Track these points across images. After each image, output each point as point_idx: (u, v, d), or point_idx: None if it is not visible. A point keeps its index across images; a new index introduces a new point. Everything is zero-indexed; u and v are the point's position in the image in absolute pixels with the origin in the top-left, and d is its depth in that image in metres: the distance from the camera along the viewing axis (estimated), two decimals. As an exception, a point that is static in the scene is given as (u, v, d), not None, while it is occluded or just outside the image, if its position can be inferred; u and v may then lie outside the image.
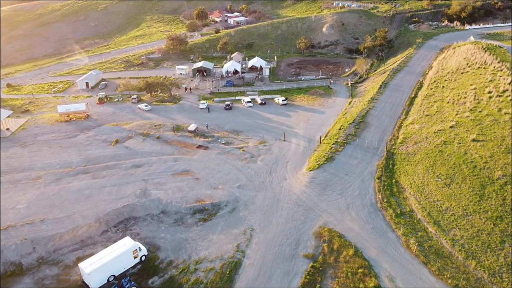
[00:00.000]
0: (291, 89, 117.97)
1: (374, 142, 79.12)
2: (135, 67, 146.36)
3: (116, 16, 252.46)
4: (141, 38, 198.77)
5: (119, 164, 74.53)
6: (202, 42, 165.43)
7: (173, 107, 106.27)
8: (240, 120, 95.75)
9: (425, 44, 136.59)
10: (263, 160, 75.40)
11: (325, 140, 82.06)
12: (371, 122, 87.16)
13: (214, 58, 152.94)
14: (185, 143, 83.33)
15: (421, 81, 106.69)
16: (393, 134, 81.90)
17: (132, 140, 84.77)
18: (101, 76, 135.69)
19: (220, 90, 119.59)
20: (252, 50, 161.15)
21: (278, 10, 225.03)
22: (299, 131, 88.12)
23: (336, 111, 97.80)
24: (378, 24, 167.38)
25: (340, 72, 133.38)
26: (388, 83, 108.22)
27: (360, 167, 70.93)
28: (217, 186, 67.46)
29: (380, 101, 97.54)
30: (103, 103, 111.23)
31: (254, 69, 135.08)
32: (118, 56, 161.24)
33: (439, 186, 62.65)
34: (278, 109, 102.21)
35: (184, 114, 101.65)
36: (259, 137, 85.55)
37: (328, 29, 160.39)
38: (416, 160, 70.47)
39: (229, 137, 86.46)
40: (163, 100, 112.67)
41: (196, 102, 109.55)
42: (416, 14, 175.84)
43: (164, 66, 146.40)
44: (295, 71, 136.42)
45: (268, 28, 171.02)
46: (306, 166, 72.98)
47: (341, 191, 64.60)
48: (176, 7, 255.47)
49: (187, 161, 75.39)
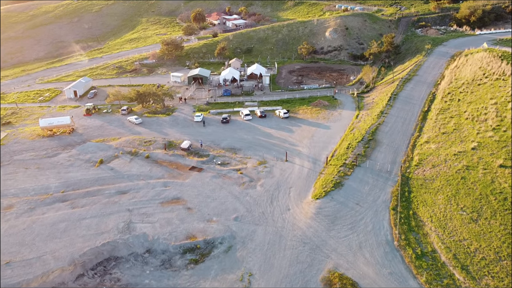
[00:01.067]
0: (293, 99, 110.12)
1: (387, 164, 71.34)
2: (127, 74, 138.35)
3: (110, 18, 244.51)
4: (135, 42, 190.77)
5: (102, 190, 66.60)
6: (198, 47, 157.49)
7: (165, 120, 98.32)
8: (238, 136, 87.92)
9: (435, 51, 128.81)
10: (263, 185, 67.55)
11: (332, 161, 74.23)
12: (382, 140, 79.37)
13: (211, 64, 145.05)
14: (177, 164, 75.41)
15: (433, 92, 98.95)
16: (406, 154, 74.13)
17: (119, 160, 76.82)
18: (90, 84, 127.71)
19: (217, 100, 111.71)
20: (251, 56, 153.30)
21: (278, 13, 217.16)
22: (302, 149, 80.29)
23: (342, 126, 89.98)
24: (384, 29, 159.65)
25: (345, 80, 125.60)
26: (397, 94, 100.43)
27: (373, 195, 63.15)
28: (211, 218, 59.59)
29: (390, 115, 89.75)
30: (90, 114, 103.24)
31: (253, 76, 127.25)
32: (111, 62, 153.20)
33: (464, 221, 54.88)
34: (280, 123, 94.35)
35: (177, 128, 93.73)
36: (258, 157, 77.74)
37: (331, 34, 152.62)
38: (435, 187, 62.68)
39: (225, 156, 78.62)
40: (155, 111, 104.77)
41: (191, 114, 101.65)
42: (423, 17, 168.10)
43: (158, 73, 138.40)
44: (297, 79, 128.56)
45: (268, 32, 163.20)
46: (312, 193, 65.18)
47: (352, 225, 56.81)
48: (173, 9, 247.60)
49: (179, 186, 67.48)
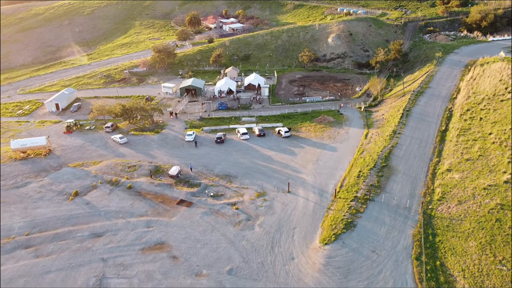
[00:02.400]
0: (294, 114, 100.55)
1: (404, 197, 61.89)
2: (115, 84, 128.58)
3: (103, 21, 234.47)
4: (127, 47, 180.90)
5: (74, 232, 56.91)
6: (193, 53, 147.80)
7: (154, 139, 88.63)
8: (234, 159, 78.35)
9: (446, 59, 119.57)
10: (262, 225, 57.97)
11: (341, 193, 64.67)
12: (397, 167, 69.91)
13: (206, 73, 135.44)
14: (163, 196, 65.71)
15: (450, 108, 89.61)
16: (426, 185, 64.71)
17: (97, 191, 67.07)
18: (75, 95, 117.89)
19: (211, 115, 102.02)
20: (249, 63, 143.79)
21: (277, 16, 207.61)
22: (307, 177, 70.76)
23: (350, 148, 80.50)
24: (390, 34, 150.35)
25: (350, 91, 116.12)
26: (410, 110, 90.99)
27: (391, 239, 53.69)
28: (201, 270, 50.00)
29: (404, 136, 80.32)
30: (71, 132, 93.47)
31: (251, 87, 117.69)
32: (99, 70, 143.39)
33: (505, 278, 45.48)
34: (280, 143, 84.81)
35: (166, 149, 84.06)
36: (257, 186, 68.16)
37: (334, 40, 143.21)
38: (464, 230, 53.28)
39: (219, 186, 69.02)
40: (143, 128, 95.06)
41: (182, 132, 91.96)
42: (431, 22, 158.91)
43: (149, 83, 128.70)
44: (298, 90, 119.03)
45: (267, 38, 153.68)
46: (319, 235, 55.65)
47: (369, 281, 47.34)
48: (168, 12, 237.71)
49: (164, 227, 57.85)
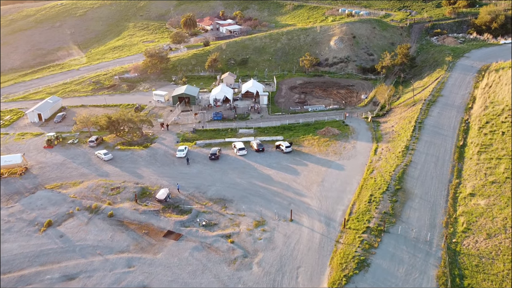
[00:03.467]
0: (295, 125, 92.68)
1: (424, 228, 54.15)
2: (104, 91, 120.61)
3: (95, 23, 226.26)
4: (119, 51, 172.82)
5: (42, 273, 48.97)
6: (187, 58, 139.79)
7: (142, 155, 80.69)
8: (229, 179, 70.46)
9: (457, 64, 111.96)
10: (261, 264, 50.10)
11: (351, 222, 56.85)
12: (413, 190, 62.13)
13: (201, 79, 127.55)
14: (149, 226, 57.78)
15: (466, 120, 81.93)
16: (448, 212, 56.98)
17: (73, 220, 59.10)
18: (60, 104, 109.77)
19: (205, 126, 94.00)
20: (246, 68, 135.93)
21: (276, 17, 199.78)
22: (311, 201, 62.94)
23: (358, 165, 72.68)
24: (395, 37, 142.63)
25: (355, 99, 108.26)
26: (423, 121, 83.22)
27: (411, 283, 45.88)
28: (189, 325, 42.18)
29: (418, 152, 72.53)
30: (52, 146, 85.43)
31: (249, 95, 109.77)
32: (87, 75, 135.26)
33: None
34: (281, 159, 76.92)
35: (154, 167, 76.16)
36: (255, 213, 60.34)
37: (337, 43, 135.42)
38: (498, 273, 45.52)
39: (213, 212, 61.15)
40: (131, 142, 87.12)
41: (173, 146, 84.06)
42: (438, 24, 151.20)
43: (140, 90, 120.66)
44: (299, 97, 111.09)
45: (265, 41, 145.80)
46: (328, 276, 47.80)
47: None
48: (163, 13, 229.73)
49: (147, 266, 49.92)
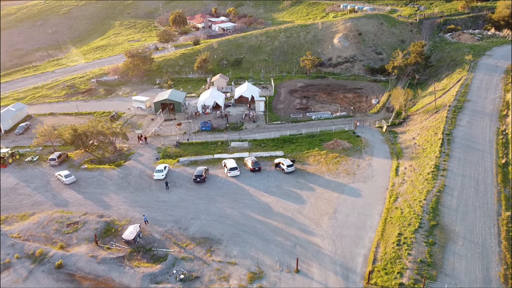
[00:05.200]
0: (298, 137, 78.57)
1: (475, 284, 40.24)
2: (79, 96, 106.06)
3: (79, 22, 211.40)
4: (101, 51, 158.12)
5: None
6: (175, 58, 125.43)
7: (112, 176, 66.26)
8: (217, 210, 56.25)
9: (480, 64, 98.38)
10: None
11: (377, 275, 42.75)
12: (453, 227, 48.19)
13: (189, 82, 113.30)
14: (107, 283, 43.45)
15: (503, 131, 68.16)
16: (504, 260, 43.10)
17: (8, 274, 44.63)
18: (25, 112, 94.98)
19: (191, 139, 79.64)
20: (240, 69, 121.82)
21: (273, 14, 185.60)
22: (322, 241, 48.84)
23: (378, 190, 58.65)
24: (405, 34, 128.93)
25: (365, 104, 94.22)
26: (451, 133, 69.23)
27: None
28: None
29: (451, 173, 58.53)
30: (5, 166, 70.97)
31: (243, 100, 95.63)
32: (62, 78, 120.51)
33: None
34: (282, 182, 62.75)
35: (126, 192, 61.81)
36: (250, 261, 46.18)
37: (341, 41, 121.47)
38: None
39: (195, 259, 46.91)
40: (102, 159, 72.81)
41: (151, 164, 69.74)
42: (451, 19, 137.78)
43: (119, 94, 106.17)
44: (300, 103, 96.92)
45: (261, 39, 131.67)
46: None
47: None
48: (152, 10, 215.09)
49: None
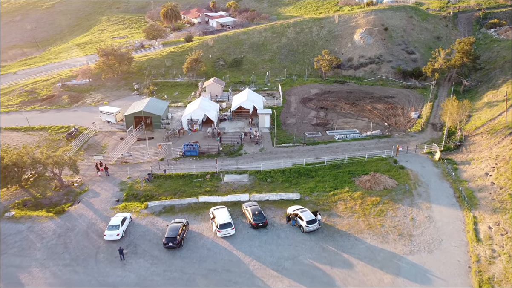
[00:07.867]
0: (317, 167, 56.69)
1: None
2: (36, 104, 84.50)
3: (62, 17, 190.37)
4: (79, 49, 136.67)
5: None
6: (161, 57, 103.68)
7: (46, 231, 44.44)
8: (197, 305, 34.57)
9: (548, 66, 76.51)
10: None
11: None
12: None
13: (176, 87, 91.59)
14: None
15: None
16: None
17: None
18: (-39, 126, 73.80)
19: (170, 169, 57.70)
20: (240, 71, 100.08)
21: (278, 8, 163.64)
22: None
23: (455, 269, 36.68)
24: (440, 29, 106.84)
25: (402, 119, 72.16)
26: (547, 169, 47.38)
27: None
28: None
29: None
30: None
31: (242, 113, 73.84)
32: (23, 82, 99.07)
33: None
34: (301, 249, 40.78)
35: (58, 265, 39.92)
36: None
37: (364, 37, 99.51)
38: None
39: None
40: (41, 198, 51.07)
41: (109, 209, 48.01)
42: (491, 12, 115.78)
43: (87, 103, 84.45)
44: (317, 116, 74.94)
45: (266, 35, 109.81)
46: None
47: None
48: (144, 5, 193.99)
49: None
